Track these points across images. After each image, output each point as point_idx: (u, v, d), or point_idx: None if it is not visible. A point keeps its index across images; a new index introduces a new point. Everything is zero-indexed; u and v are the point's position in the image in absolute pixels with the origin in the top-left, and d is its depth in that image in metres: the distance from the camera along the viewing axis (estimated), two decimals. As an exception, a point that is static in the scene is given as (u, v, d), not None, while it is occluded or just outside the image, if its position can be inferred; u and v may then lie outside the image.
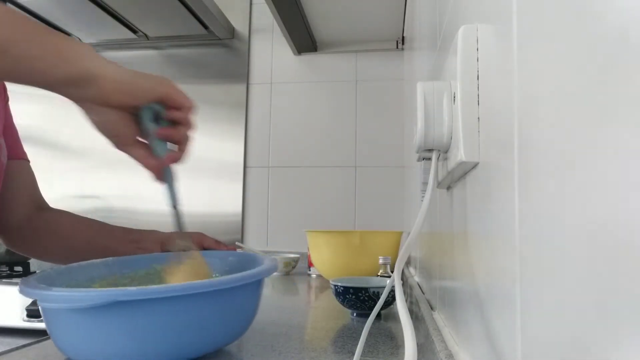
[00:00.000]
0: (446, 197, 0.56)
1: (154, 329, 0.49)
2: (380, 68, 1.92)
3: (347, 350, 0.61)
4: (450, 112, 0.42)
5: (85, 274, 0.64)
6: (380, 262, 1.01)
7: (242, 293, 0.56)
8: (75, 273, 0.63)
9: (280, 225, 1.91)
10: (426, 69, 0.80)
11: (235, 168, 1.95)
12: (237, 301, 0.55)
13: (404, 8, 1.55)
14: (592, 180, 0.17)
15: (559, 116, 0.20)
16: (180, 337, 0.50)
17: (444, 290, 0.59)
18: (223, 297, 0.53)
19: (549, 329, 0.21)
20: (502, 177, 0.29)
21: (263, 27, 2.01)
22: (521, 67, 0.25)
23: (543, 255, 0.22)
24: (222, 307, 0.53)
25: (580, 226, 0.18)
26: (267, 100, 1.98)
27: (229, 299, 0.54)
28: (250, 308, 0.59)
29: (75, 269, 0.64)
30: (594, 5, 0.17)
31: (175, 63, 2.04)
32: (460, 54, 0.37)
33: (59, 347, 0.52)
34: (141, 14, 1.78)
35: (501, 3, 0.30)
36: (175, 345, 0.50)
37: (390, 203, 1.86)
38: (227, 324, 0.55)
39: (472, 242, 0.39)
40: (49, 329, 0.53)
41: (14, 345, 0.60)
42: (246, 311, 0.58)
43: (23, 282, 0.52)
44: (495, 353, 0.31)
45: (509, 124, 0.27)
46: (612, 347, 0.15)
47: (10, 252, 1.77)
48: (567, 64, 0.19)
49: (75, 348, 0.51)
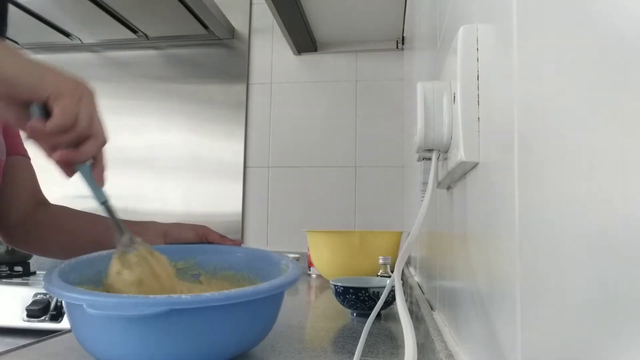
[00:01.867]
0: (446, 197, 0.56)
1: (200, 335, 0.49)
2: (380, 68, 1.92)
3: (347, 350, 0.61)
4: (450, 112, 0.42)
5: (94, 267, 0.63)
6: (380, 262, 1.01)
7: (273, 298, 0.57)
8: (86, 267, 0.62)
9: (280, 225, 1.91)
10: (426, 69, 0.80)
11: (235, 168, 1.95)
12: (269, 306, 0.56)
13: (404, 8, 1.55)
14: (592, 180, 0.17)
15: (559, 116, 0.20)
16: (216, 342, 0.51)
17: (444, 290, 0.59)
18: (259, 303, 0.54)
19: (549, 329, 0.21)
20: (502, 177, 0.29)
21: (263, 27, 2.01)
22: (521, 67, 0.25)
23: (543, 255, 0.22)
24: (256, 312, 0.54)
25: (581, 226, 0.18)
26: (267, 100, 1.98)
27: (263, 304, 0.55)
28: (277, 310, 0.60)
29: (84, 262, 0.63)
30: (594, 5, 0.17)
31: (175, 63, 2.04)
32: (460, 54, 0.37)
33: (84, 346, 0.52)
34: (141, 14, 1.78)
35: (501, 3, 0.30)
36: (215, 348, 0.51)
37: (390, 203, 1.86)
38: (259, 328, 0.56)
39: (472, 242, 0.39)
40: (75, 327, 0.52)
41: (14, 345, 0.60)
42: (273, 314, 0.59)
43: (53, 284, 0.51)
44: (495, 353, 0.31)
45: (509, 124, 0.27)
46: (613, 347, 0.15)
47: (10, 252, 1.77)
48: (567, 63, 0.19)
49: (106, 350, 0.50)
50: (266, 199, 1.94)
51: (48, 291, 0.51)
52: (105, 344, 0.50)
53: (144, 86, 2.05)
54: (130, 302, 0.46)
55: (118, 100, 2.05)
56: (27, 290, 1.49)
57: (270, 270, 0.66)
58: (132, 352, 0.49)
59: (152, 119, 2.02)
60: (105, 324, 0.49)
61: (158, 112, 2.02)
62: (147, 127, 2.01)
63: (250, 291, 0.51)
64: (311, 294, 1.21)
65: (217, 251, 0.72)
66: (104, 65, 2.09)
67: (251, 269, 0.70)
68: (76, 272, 0.60)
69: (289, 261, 0.64)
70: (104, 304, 0.46)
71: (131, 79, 2.06)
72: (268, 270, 0.66)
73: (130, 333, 0.48)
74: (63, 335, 0.66)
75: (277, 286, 0.54)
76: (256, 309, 0.53)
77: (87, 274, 0.61)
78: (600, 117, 0.16)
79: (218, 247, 0.74)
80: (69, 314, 0.52)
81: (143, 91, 2.04)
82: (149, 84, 2.04)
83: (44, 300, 1.43)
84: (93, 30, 1.94)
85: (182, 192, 1.96)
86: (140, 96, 2.04)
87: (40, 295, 1.45)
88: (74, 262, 0.61)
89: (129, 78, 2.06)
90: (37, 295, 1.46)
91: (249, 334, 0.54)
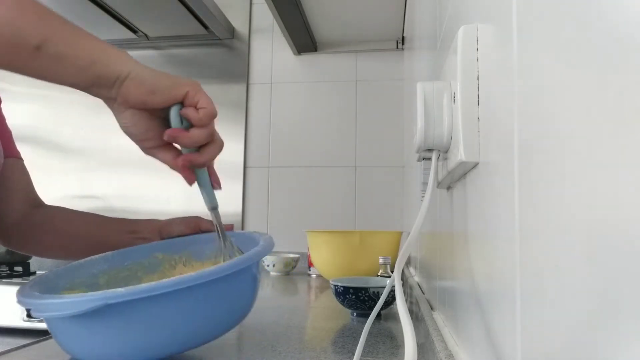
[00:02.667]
0: (446, 197, 0.56)
1: (149, 325, 0.50)
2: (380, 68, 1.92)
3: (347, 350, 0.61)
4: (450, 112, 0.42)
5: (86, 272, 0.64)
6: (380, 262, 1.01)
7: (235, 280, 0.55)
8: (76, 272, 0.63)
9: (280, 225, 1.91)
10: (426, 69, 0.80)
11: (235, 168, 1.95)
12: (232, 289, 0.55)
13: (404, 8, 1.55)
14: (593, 180, 0.17)
15: (559, 116, 0.20)
16: (177, 330, 0.51)
17: (444, 290, 0.59)
18: (217, 287, 0.52)
19: (549, 329, 0.21)
20: (502, 177, 0.29)
21: (263, 27, 2.01)
22: (521, 67, 0.25)
23: (543, 255, 0.22)
24: (217, 296, 0.53)
25: (581, 226, 0.18)
26: (267, 100, 1.98)
27: (223, 287, 0.53)
28: (247, 293, 0.58)
29: (75, 267, 0.64)
30: (595, 5, 0.17)
31: (175, 63, 2.04)
32: (460, 54, 0.37)
33: (62, 347, 0.53)
34: (141, 14, 1.78)
35: (501, 3, 0.30)
36: (173, 337, 0.51)
37: (390, 203, 1.86)
38: (224, 313, 0.55)
39: (472, 242, 0.39)
40: (50, 330, 0.53)
41: (14, 345, 0.60)
42: (243, 297, 0.57)
43: (20, 292, 0.52)
44: (495, 353, 0.31)
45: (509, 124, 0.27)
46: (613, 347, 0.15)
47: (10, 252, 1.77)
48: (567, 63, 0.19)
49: (75, 349, 0.51)
50: (266, 199, 1.94)
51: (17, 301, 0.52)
52: (64, 339, 0.52)
53: (144, 86, 2.04)
54: (68, 302, 0.47)
55: (118, 100, 2.05)
56: (27, 290, 1.49)
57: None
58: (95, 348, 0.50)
59: (152, 119, 2.02)
60: (59, 323, 0.50)
61: (158, 112, 2.02)
62: (147, 127, 2.01)
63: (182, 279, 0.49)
64: (311, 294, 1.21)
65: (209, 240, 0.72)
66: (104, 65, 2.09)
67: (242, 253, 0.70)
68: (66, 279, 0.61)
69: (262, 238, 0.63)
70: (46, 307, 0.48)
71: (131, 79, 2.06)
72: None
73: (80, 329, 0.49)
74: (63, 335, 0.67)
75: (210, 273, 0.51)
76: (205, 294, 0.51)
77: (79, 278, 0.62)
78: (600, 117, 0.16)
79: (211, 235, 0.74)
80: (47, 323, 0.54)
81: (143, 91, 2.04)
82: (149, 84, 2.04)
83: (44, 300, 1.43)
84: (93, 30, 1.91)
85: (182, 192, 1.96)
86: (140, 96, 2.04)
87: (40, 295, 1.45)
88: (61, 269, 0.62)
89: (129, 78, 2.06)
90: (37, 295, 1.46)
91: (210, 320, 0.53)
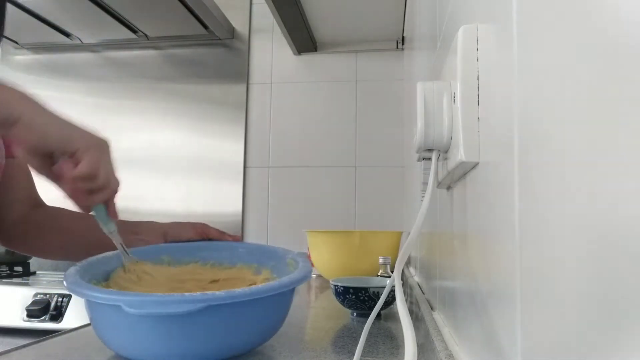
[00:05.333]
0: (446, 197, 0.56)
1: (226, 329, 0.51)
2: (380, 68, 1.92)
3: (347, 350, 0.61)
4: (450, 112, 0.42)
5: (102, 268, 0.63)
6: (380, 262, 1.01)
7: (288, 293, 0.59)
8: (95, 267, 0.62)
9: (280, 225, 1.91)
10: (426, 69, 0.80)
11: (235, 168, 1.95)
12: (288, 298, 0.59)
13: (404, 8, 1.55)
14: (593, 180, 0.17)
15: (559, 116, 0.20)
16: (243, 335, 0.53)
17: (444, 290, 0.59)
18: (281, 297, 0.56)
19: (549, 329, 0.21)
20: (502, 177, 0.29)
21: (263, 27, 2.01)
22: (521, 67, 0.25)
23: (543, 255, 0.22)
24: (280, 304, 0.57)
25: (581, 226, 0.18)
26: (267, 100, 1.98)
27: (284, 296, 0.57)
28: (291, 302, 0.62)
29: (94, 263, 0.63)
30: (594, 5, 0.17)
31: (175, 63, 2.04)
32: (460, 54, 0.37)
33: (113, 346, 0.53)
34: (141, 14, 1.78)
35: (501, 3, 0.30)
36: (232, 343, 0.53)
37: (390, 203, 1.86)
38: (278, 319, 0.59)
39: (472, 242, 0.39)
40: (96, 324, 0.53)
41: (14, 345, 0.60)
42: (286, 309, 0.61)
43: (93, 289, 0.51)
44: (495, 353, 0.31)
45: (509, 124, 0.27)
46: (613, 348, 0.15)
47: (10, 252, 1.77)
48: (567, 63, 0.19)
49: (139, 349, 0.51)
50: (266, 199, 1.94)
51: (74, 293, 0.51)
52: (140, 342, 0.50)
53: (144, 86, 2.05)
54: (168, 300, 0.47)
55: (118, 100, 2.05)
56: (27, 290, 1.49)
57: (276, 265, 0.67)
58: (165, 349, 0.49)
59: (152, 119, 2.02)
60: (141, 323, 0.49)
61: (158, 112, 2.02)
62: (147, 127, 2.01)
63: (278, 284, 0.54)
64: (311, 294, 1.21)
65: (218, 248, 0.72)
66: (104, 65, 2.09)
67: (254, 264, 0.70)
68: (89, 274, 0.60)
69: (295, 255, 0.65)
70: (142, 303, 0.47)
71: (131, 79, 2.06)
72: (273, 265, 0.68)
73: (166, 330, 0.48)
74: (63, 335, 0.66)
75: (299, 279, 0.57)
76: (280, 301, 0.56)
77: (97, 274, 0.62)
78: (600, 117, 0.16)
79: (219, 243, 0.74)
80: (94, 315, 0.52)
81: (143, 91, 2.04)
82: (149, 84, 2.04)
83: (43, 300, 1.43)
84: (93, 30, 1.94)
85: (182, 192, 1.96)
86: (140, 96, 2.04)
87: (40, 295, 1.46)
88: (86, 263, 0.61)
89: (129, 78, 2.06)
90: (37, 295, 1.46)
91: (271, 326, 0.57)
